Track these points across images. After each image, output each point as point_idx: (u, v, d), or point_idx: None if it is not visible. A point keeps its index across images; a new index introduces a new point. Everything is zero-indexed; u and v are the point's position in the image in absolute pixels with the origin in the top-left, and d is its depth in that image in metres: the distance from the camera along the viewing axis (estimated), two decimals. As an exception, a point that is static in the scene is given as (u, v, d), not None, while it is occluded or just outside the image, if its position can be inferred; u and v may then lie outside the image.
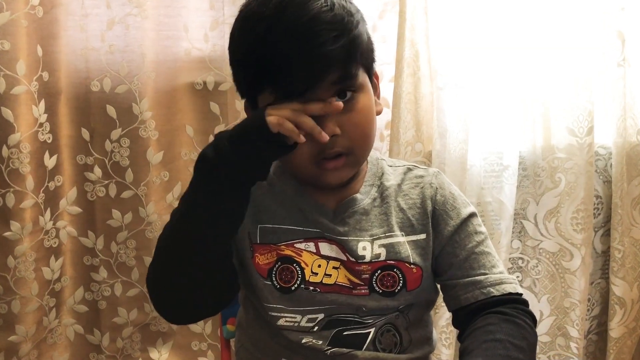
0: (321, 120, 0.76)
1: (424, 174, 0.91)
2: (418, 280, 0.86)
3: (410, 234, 0.87)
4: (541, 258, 1.57)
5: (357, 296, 0.84)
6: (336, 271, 0.85)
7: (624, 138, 1.53)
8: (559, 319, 1.58)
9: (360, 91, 0.81)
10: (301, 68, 0.75)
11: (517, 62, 1.48)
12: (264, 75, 0.77)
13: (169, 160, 1.45)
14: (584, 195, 1.52)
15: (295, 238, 0.85)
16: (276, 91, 0.76)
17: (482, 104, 1.47)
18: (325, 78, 0.76)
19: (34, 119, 1.33)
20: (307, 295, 0.84)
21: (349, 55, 0.78)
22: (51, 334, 1.43)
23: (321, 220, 0.85)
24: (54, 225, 1.40)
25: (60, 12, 1.35)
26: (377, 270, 0.85)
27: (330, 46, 0.75)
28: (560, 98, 1.50)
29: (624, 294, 1.57)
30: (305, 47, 0.75)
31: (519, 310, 0.82)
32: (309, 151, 0.79)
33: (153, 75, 1.40)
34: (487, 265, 0.86)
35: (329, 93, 0.77)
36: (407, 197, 0.89)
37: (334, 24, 0.76)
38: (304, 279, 0.84)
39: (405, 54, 1.40)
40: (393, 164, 0.93)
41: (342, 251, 0.85)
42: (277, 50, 0.75)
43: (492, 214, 1.49)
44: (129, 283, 1.47)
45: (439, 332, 1.48)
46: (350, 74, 0.79)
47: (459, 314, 0.86)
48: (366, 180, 0.89)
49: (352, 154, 0.81)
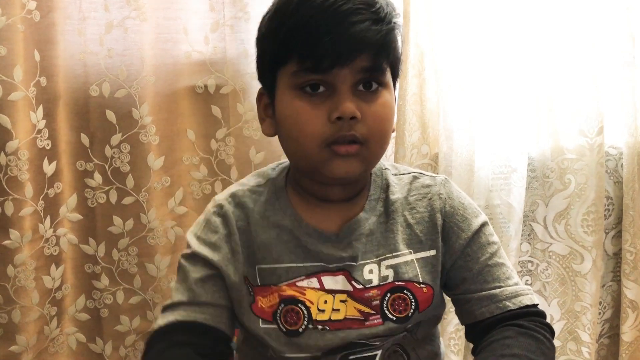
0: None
1: (431, 183, 0.86)
2: (429, 300, 0.82)
3: (419, 250, 0.83)
4: (551, 261, 1.54)
5: (370, 327, 0.80)
6: (344, 305, 0.80)
7: (635, 138, 1.50)
8: (569, 323, 1.55)
9: (385, 88, 0.78)
10: (332, 43, 0.72)
11: (525, 62, 1.44)
12: (293, 44, 0.74)
13: (170, 166, 1.42)
14: (594, 196, 1.48)
15: (296, 276, 0.80)
16: (302, 62, 0.73)
17: (488, 104, 1.44)
18: (354, 60, 0.73)
19: (32, 125, 1.31)
20: (317, 336, 0.80)
21: (383, 46, 0.75)
22: (53, 343, 1.41)
23: (324, 250, 0.80)
24: (54, 232, 1.38)
25: (57, 16, 1.33)
26: (387, 294, 0.80)
27: (365, 28, 0.73)
28: (569, 98, 1.46)
29: (637, 296, 1.53)
30: (341, 22, 0.72)
31: (537, 324, 0.79)
32: (322, 131, 0.74)
33: (153, 79, 1.38)
34: (501, 278, 0.82)
35: (354, 78, 0.74)
36: (415, 211, 0.84)
37: (375, 10, 0.74)
38: (311, 319, 0.79)
39: (410, 55, 1.37)
40: (398, 172, 0.89)
41: (348, 280, 0.81)
42: (311, 21, 0.72)
43: (501, 217, 1.46)
44: (131, 290, 1.44)
45: (448, 339, 1.45)
46: (380, 65, 0.76)
47: (474, 328, 0.83)
48: (371, 195, 0.84)
49: (366, 145, 0.76)
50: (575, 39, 1.44)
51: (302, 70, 0.74)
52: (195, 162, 1.44)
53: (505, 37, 1.43)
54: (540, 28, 1.45)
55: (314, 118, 0.74)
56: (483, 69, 1.43)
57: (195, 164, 1.44)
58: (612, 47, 1.47)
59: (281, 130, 0.79)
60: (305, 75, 0.74)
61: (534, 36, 1.45)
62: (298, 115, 0.75)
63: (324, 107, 0.74)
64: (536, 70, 1.46)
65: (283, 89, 0.77)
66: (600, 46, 1.45)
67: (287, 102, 0.77)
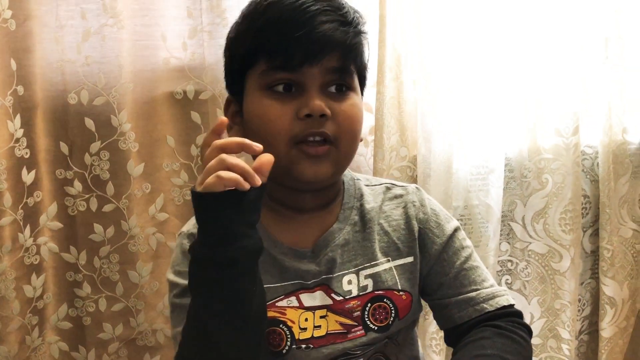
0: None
1: (403, 193, 0.88)
2: (409, 307, 0.84)
3: (397, 258, 0.84)
4: (530, 260, 1.56)
5: (352, 340, 0.81)
6: (324, 320, 0.80)
7: (610, 137, 1.52)
8: (549, 321, 1.57)
9: (354, 92, 0.79)
10: (301, 41, 0.73)
11: (501, 65, 1.46)
12: (262, 43, 0.75)
13: (150, 172, 1.42)
14: (571, 195, 1.51)
15: (275, 296, 0.80)
16: (272, 60, 0.74)
17: (466, 106, 1.46)
18: (323, 59, 0.74)
19: (10, 134, 1.30)
20: (301, 355, 0.80)
21: (350, 48, 0.77)
22: (35, 353, 1.40)
23: (301, 267, 0.80)
24: (34, 242, 1.37)
25: (34, 25, 1.32)
26: (367, 304, 0.81)
27: (334, 28, 0.74)
28: (545, 99, 1.49)
29: (614, 293, 1.56)
30: (310, 21, 0.74)
31: (515, 324, 0.81)
32: (289, 128, 0.74)
33: (131, 86, 1.38)
34: (477, 280, 0.84)
35: (323, 79, 0.75)
36: (390, 219, 0.85)
37: (343, 13, 0.76)
38: (294, 338, 0.79)
39: (386, 58, 1.39)
40: (369, 182, 0.89)
41: (327, 293, 0.81)
42: (280, 20, 0.74)
43: (480, 217, 1.47)
44: (114, 298, 1.44)
45: (429, 339, 1.47)
46: (348, 67, 0.77)
47: (453, 332, 0.84)
48: (345, 203, 0.85)
49: (336, 145, 0.76)
50: (550, 40, 1.47)
51: (271, 68, 0.75)
52: (175, 169, 1.44)
53: (481, 41, 1.44)
54: (515, 31, 1.46)
55: (282, 115, 0.75)
56: (460, 71, 1.44)
57: (176, 170, 1.44)
58: (586, 48, 1.49)
59: (249, 133, 0.79)
60: (274, 73, 0.75)
61: (509, 39, 1.46)
62: (266, 112, 0.75)
63: (293, 105, 0.75)
64: (512, 72, 1.48)
65: (252, 90, 0.78)
66: (575, 47, 1.48)
67: (255, 102, 0.77)
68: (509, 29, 1.46)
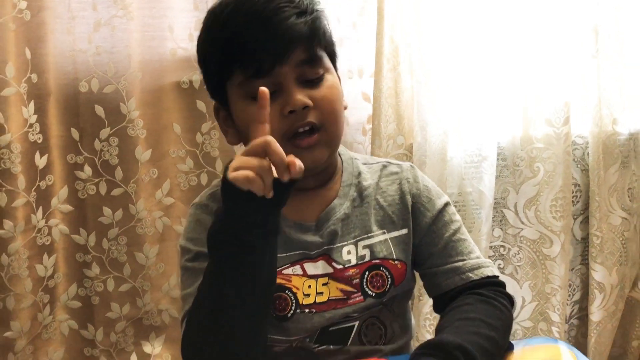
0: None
1: (398, 170, 0.94)
2: (403, 275, 0.89)
3: (392, 230, 0.90)
4: (522, 245, 1.61)
5: (352, 305, 0.87)
6: (326, 287, 0.86)
7: (600, 127, 1.57)
8: (540, 305, 1.62)
9: (328, 72, 0.84)
10: (266, 44, 0.78)
11: (495, 56, 1.52)
12: (232, 56, 0.79)
13: (157, 158, 1.48)
14: (562, 183, 1.56)
15: (281, 265, 0.85)
16: (244, 72, 0.79)
17: (461, 96, 1.51)
18: (291, 56, 0.79)
19: (24, 119, 1.37)
20: (305, 319, 0.86)
21: (312, 34, 0.81)
22: (46, 329, 1.46)
23: (305, 239, 0.86)
24: (46, 223, 1.43)
25: (47, 15, 1.38)
26: (365, 272, 0.87)
27: (292, 22, 0.78)
28: (538, 90, 1.54)
29: (603, 278, 1.61)
30: (268, 23, 0.78)
31: (497, 293, 0.86)
32: (280, 127, 0.79)
33: (139, 75, 1.44)
34: (464, 252, 0.90)
35: (295, 74, 0.80)
36: (386, 194, 0.91)
37: (296, 4, 0.80)
38: (298, 303, 0.85)
39: (384, 49, 1.44)
40: (367, 161, 0.95)
41: (329, 262, 0.87)
42: (242, 29, 0.78)
43: (473, 204, 1.53)
44: (121, 278, 1.50)
45: (423, 319, 1.53)
46: (316, 55, 0.82)
47: (440, 300, 0.90)
48: (344, 181, 0.91)
49: (324, 129, 0.82)
50: (542, 32, 1.52)
51: (247, 79, 0.79)
52: (181, 155, 1.50)
53: (477, 34, 1.50)
54: (509, 23, 1.52)
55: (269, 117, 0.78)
56: (456, 62, 1.50)
57: (182, 157, 1.50)
58: (577, 40, 1.54)
59: (244, 136, 0.85)
60: (252, 83, 0.79)
61: (504, 32, 1.52)
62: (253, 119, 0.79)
63: (277, 104, 0.80)
64: (505, 63, 1.53)
65: (235, 100, 0.83)
66: (566, 39, 1.53)
67: (241, 111, 0.82)
68: (503, 22, 1.52)
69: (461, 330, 0.77)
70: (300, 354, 0.88)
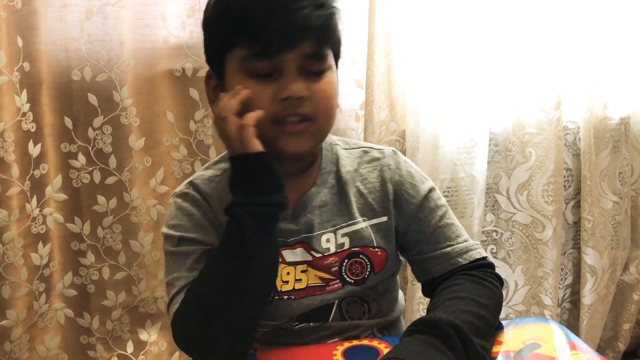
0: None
1: (380, 156, 0.92)
2: (384, 262, 0.90)
3: (372, 217, 0.89)
4: (514, 230, 1.63)
5: (330, 292, 0.87)
6: (305, 274, 0.87)
7: (591, 112, 1.59)
8: (533, 289, 1.64)
9: (329, 70, 0.84)
10: (278, 28, 0.77)
11: (487, 42, 1.52)
12: (241, 29, 0.78)
13: (150, 146, 1.49)
14: (553, 168, 1.57)
15: None
16: (248, 48, 0.78)
17: (453, 83, 1.52)
18: (299, 44, 0.78)
19: (17, 108, 1.37)
20: (284, 305, 0.86)
21: (325, 31, 0.81)
22: (42, 318, 1.47)
23: (281, 226, 0.85)
24: (40, 212, 1.44)
25: (39, 4, 1.38)
26: (345, 260, 0.88)
27: (309, 12, 0.78)
28: (529, 75, 1.55)
29: (595, 262, 1.63)
30: (285, 7, 0.77)
31: (487, 273, 0.87)
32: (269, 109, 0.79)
33: (132, 63, 1.44)
34: (452, 237, 0.90)
35: (299, 63, 0.80)
36: (366, 182, 0.90)
37: None
38: (276, 290, 0.86)
39: (376, 36, 1.45)
40: (348, 146, 0.94)
41: (307, 250, 0.87)
42: (258, 5, 0.77)
43: (465, 189, 1.54)
44: (116, 266, 1.51)
45: (417, 303, 1.54)
46: (323, 52, 0.82)
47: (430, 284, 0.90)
48: (322, 168, 0.90)
49: (314, 121, 0.82)
50: (534, 19, 1.53)
51: (250, 56, 0.79)
52: (175, 143, 1.50)
53: (468, 19, 1.51)
54: (501, 10, 1.53)
55: (262, 96, 0.79)
56: (448, 49, 1.50)
57: (175, 145, 1.51)
58: (568, 26, 1.56)
59: None
60: (254, 61, 0.79)
61: (495, 19, 1.53)
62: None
63: (273, 86, 0.80)
64: (498, 50, 1.54)
65: (232, 71, 0.82)
66: (557, 26, 1.54)
67: (237, 83, 0.81)
68: (495, 10, 1.53)
69: (452, 309, 0.78)
70: (281, 332, 0.89)
